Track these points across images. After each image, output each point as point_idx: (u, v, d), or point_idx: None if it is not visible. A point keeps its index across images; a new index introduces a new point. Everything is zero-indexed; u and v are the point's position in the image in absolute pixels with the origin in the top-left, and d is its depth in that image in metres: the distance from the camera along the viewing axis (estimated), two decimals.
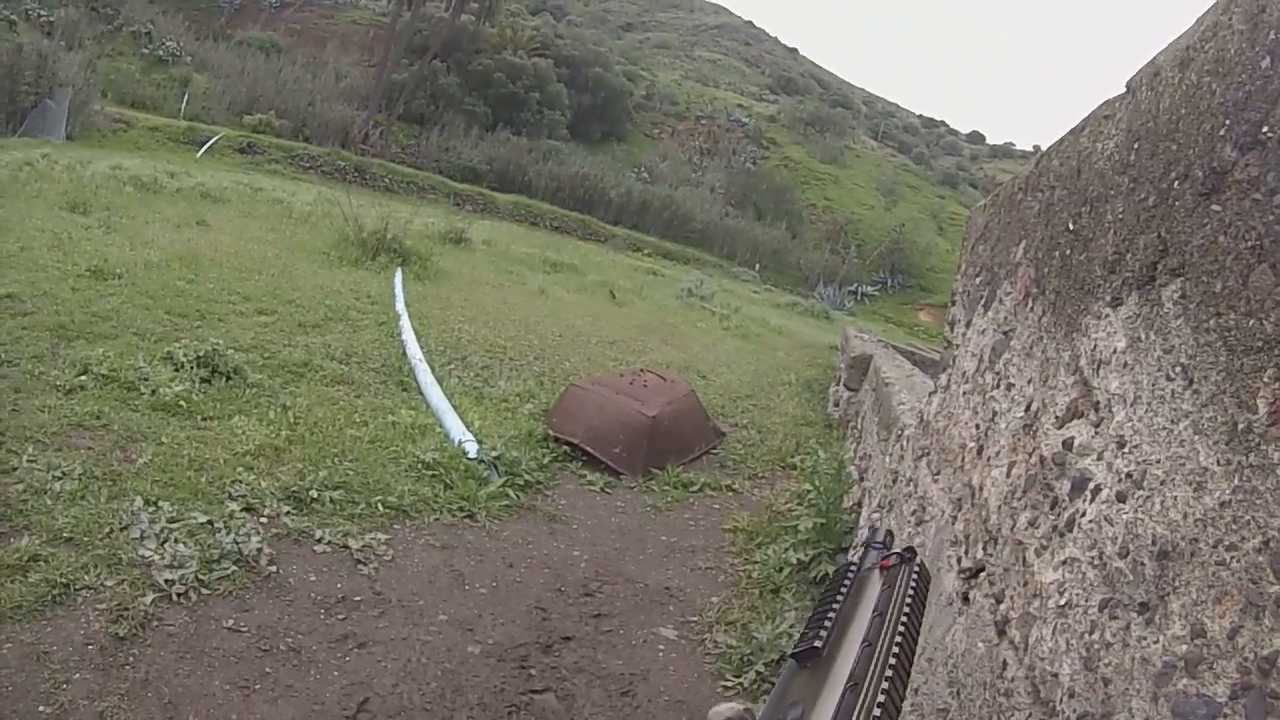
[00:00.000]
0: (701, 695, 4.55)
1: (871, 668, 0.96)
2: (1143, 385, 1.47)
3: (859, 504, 6.05)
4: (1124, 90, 1.89)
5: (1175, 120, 1.56)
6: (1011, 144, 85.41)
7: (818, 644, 1.03)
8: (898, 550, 1.26)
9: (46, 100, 23.77)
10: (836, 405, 10.51)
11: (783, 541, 6.19)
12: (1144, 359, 1.49)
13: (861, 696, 0.91)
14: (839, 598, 1.16)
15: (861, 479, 6.50)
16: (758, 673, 4.69)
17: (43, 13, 33.09)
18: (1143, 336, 1.52)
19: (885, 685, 0.93)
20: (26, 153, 16.95)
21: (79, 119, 25.62)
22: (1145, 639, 1.26)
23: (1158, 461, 1.36)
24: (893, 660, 0.97)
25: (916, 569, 1.20)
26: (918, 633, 1.09)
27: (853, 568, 1.26)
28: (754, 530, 6.63)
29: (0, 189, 12.79)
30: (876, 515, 4.65)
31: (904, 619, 1.07)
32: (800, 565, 5.79)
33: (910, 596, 1.12)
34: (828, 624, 1.08)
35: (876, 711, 0.89)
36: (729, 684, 4.65)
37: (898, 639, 1.02)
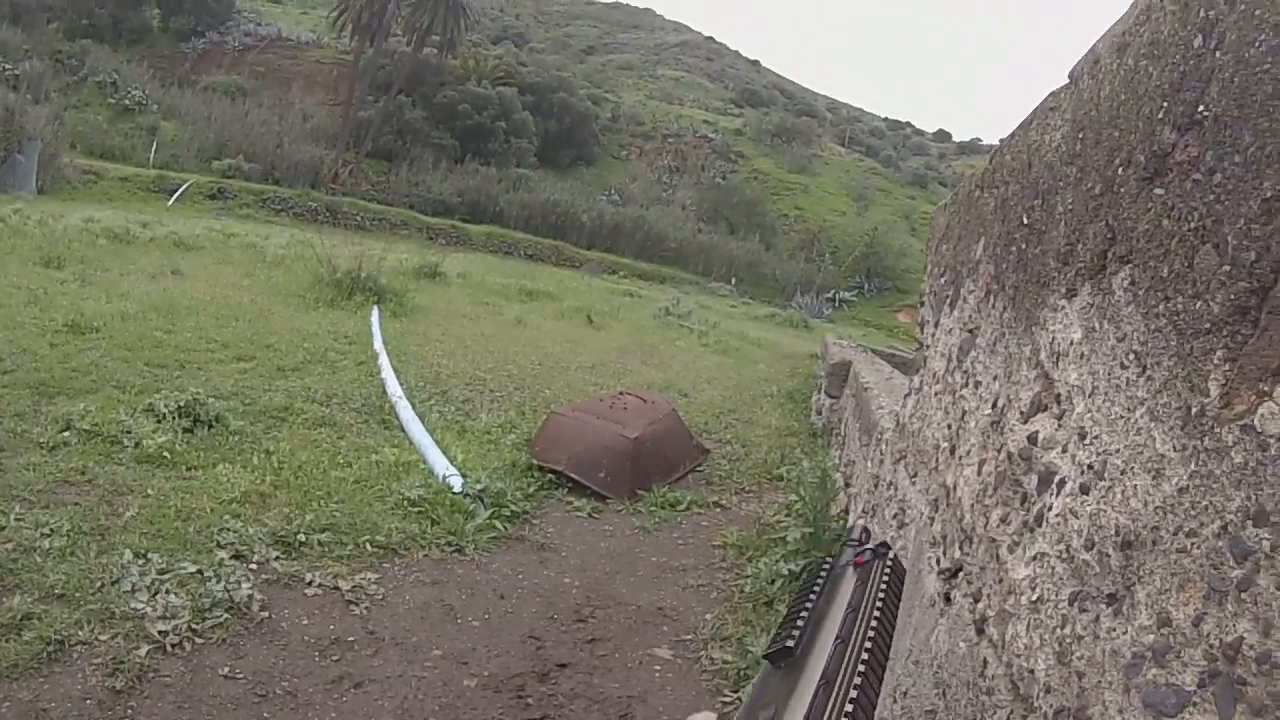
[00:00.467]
0: (701, 714, 4.54)
1: (844, 664, 0.96)
2: (1099, 375, 1.49)
3: (846, 510, 6.07)
4: (1067, 80, 1.92)
5: (1116, 107, 1.58)
6: (979, 139, 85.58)
7: (790, 643, 1.03)
8: (871, 546, 1.26)
9: (15, 155, 23.71)
10: (819, 413, 10.53)
11: (773, 554, 6.19)
12: (1099, 348, 1.51)
13: (834, 694, 0.91)
14: (812, 596, 1.16)
15: (847, 485, 6.52)
16: None
17: (7, 66, 33.07)
18: (1097, 326, 1.54)
19: (858, 681, 0.92)
20: None
21: (49, 172, 25.59)
22: (1114, 630, 1.28)
23: (1117, 451, 1.38)
24: (865, 656, 0.97)
25: (890, 563, 1.20)
26: (893, 627, 1.09)
27: (826, 565, 1.26)
28: (744, 544, 6.62)
29: None
30: (862, 521, 4.66)
31: (877, 614, 1.07)
32: (792, 576, 5.78)
33: (884, 591, 1.12)
34: (800, 623, 1.08)
35: (849, 708, 0.89)
36: (726, 699, 4.65)
37: (870, 634, 1.02)
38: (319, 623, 4.75)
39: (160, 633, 4.24)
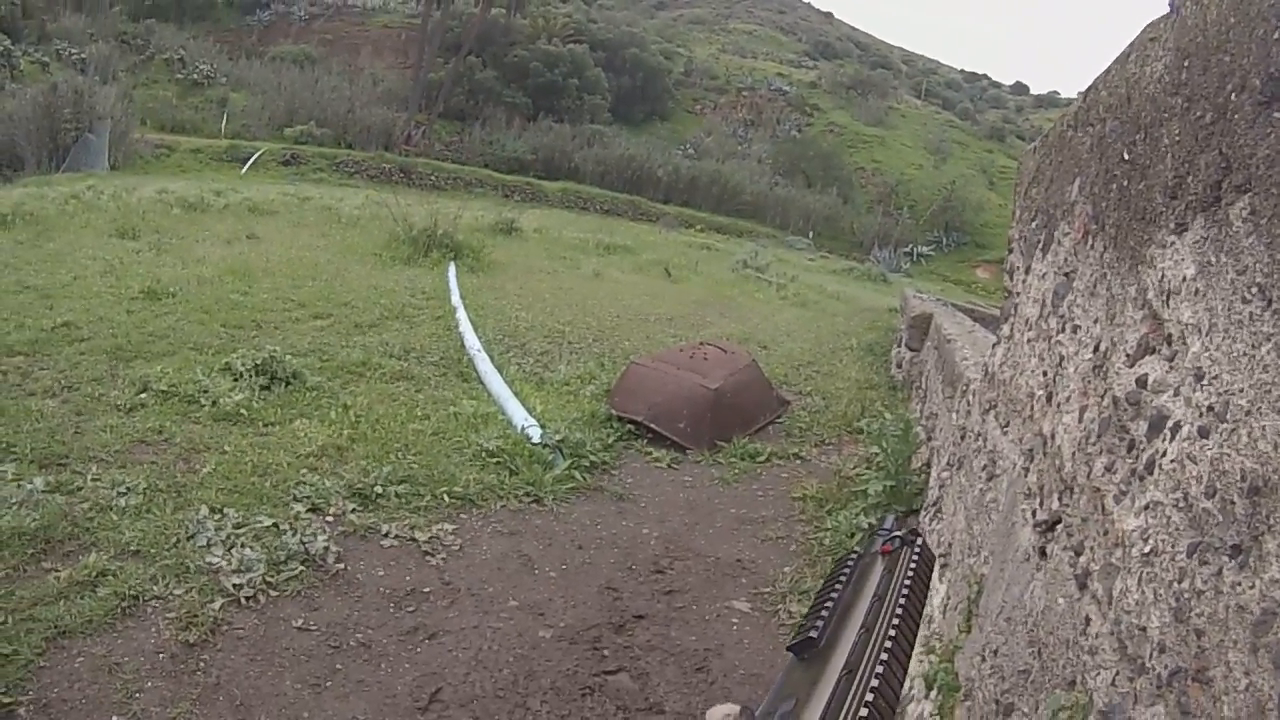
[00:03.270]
0: (778, 667, 4.45)
1: (868, 654, 0.90)
2: (1217, 311, 1.38)
3: (928, 464, 5.96)
4: (1168, 9, 1.80)
5: (1225, 31, 1.47)
6: (1056, 93, 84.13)
7: (813, 634, 0.97)
8: (899, 534, 1.20)
9: (87, 134, 24.11)
10: (899, 367, 10.39)
11: (853, 507, 6.12)
12: (1216, 284, 1.40)
13: (856, 683, 0.85)
14: (838, 586, 1.10)
15: (929, 438, 6.40)
16: None
17: (74, 50, 33.67)
18: (1213, 260, 1.42)
19: (880, 670, 0.87)
20: (72, 186, 17.20)
21: (121, 149, 26.01)
22: (1240, 585, 1.17)
23: (1241, 391, 1.27)
24: (888, 644, 0.91)
25: (918, 551, 1.13)
26: (919, 615, 1.03)
27: (854, 555, 1.20)
28: (823, 497, 6.55)
29: (49, 223, 12.99)
30: (946, 474, 4.55)
31: (903, 600, 1.01)
32: (872, 530, 5.69)
33: (910, 578, 1.06)
34: (824, 613, 1.02)
35: (869, 697, 0.83)
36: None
37: (895, 622, 0.96)
38: (394, 574, 4.76)
39: (235, 586, 4.28)
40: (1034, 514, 2.18)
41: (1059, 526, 1.96)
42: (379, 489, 5.55)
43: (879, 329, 13.58)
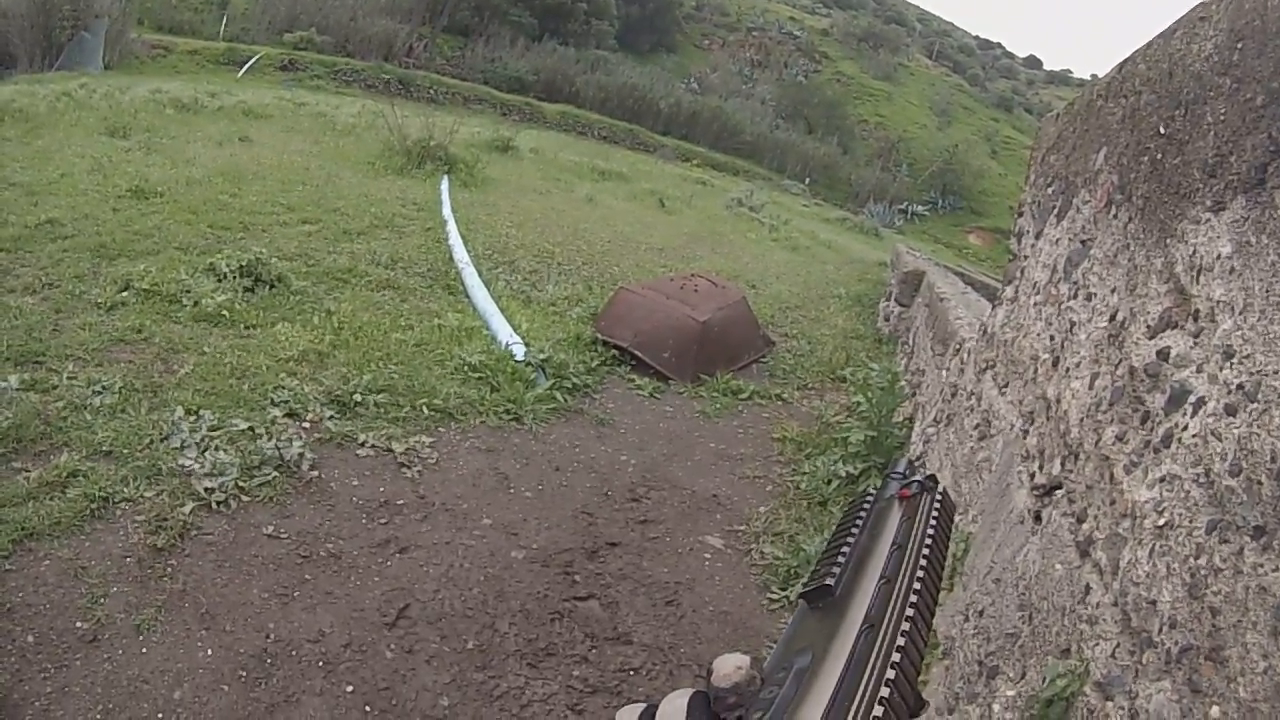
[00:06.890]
0: (747, 607, 4.48)
1: (890, 607, 0.85)
2: (1254, 292, 1.33)
3: (911, 418, 5.94)
4: None
5: None
6: (1069, 71, 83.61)
7: (830, 581, 0.92)
8: (918, 478, 1.15)
9: (83, 33, 23.51)
10: (886, 320, 10.37)
11: (832, 453, 6.10)
12: (1255, 264, 1.35)
13: (879, 639, 0.80)
14: (854, 531, 1.05)
15: (914, 393, 6.38)
16: None
17: None
18: (1253, 240, 1.38)
19: (906, 627, 0.82)
20: (64, 84, 16.81)
21: (117, 48, 25.33)
22: (1262, 566, 1.13)
23: (1275, 372, 1.22)
24: (914, 599, 0.86)
25: (939, 498, 1.08)
26: (942, 567, 0.98)
27: (869, 498, 1.15)
28: (803, 441, 6.54)
29: (39, 120, 12.71)
30: (932, 430, 4.52)
31: (925, 552, 0.96)
32: (849, 478, 5.69)
33: (933, 528, 1.01)
34: (841, 559, 0.97)
35: (896, 656, 0.78)
36: (775, 596, 4.59)
37: (919, 575, 0.90)
38: (369, 485, 4.73)
39: (206, 490, 4.23)
40: (1032, 477, 2.15)
41: (1059, 492, 1.93)
42: (358, 397, 5.52)
43: (868, 281, 13.55)
